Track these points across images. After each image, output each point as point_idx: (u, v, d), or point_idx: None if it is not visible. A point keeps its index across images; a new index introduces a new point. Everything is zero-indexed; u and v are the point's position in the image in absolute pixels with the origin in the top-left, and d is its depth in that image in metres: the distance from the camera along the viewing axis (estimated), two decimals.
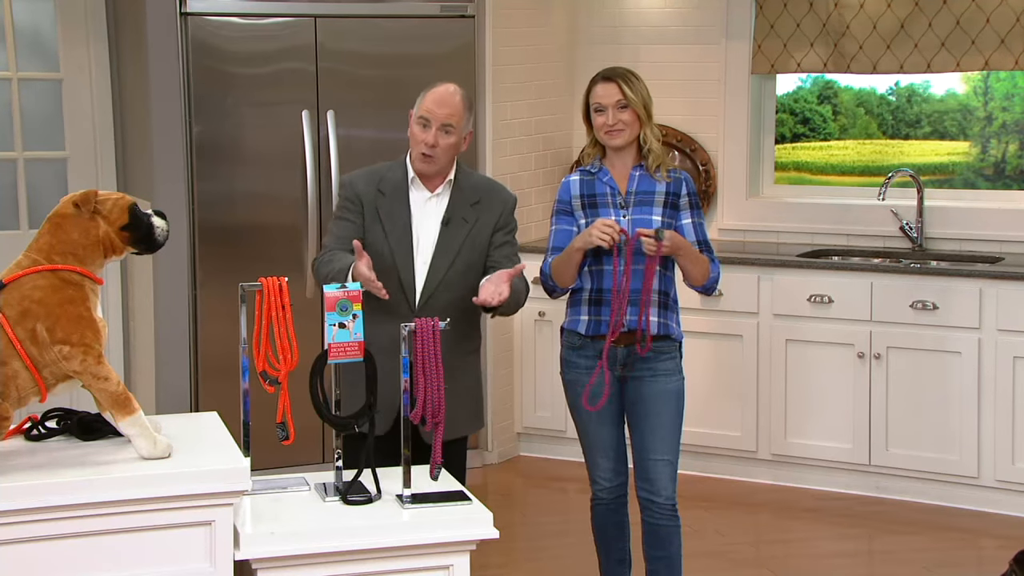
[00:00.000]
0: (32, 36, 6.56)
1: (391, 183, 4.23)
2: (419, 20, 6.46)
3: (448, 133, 4.15)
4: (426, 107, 4.16)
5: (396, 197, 4.21)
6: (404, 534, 3.40)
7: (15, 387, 3.21)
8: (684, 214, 4.42)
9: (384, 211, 4.19)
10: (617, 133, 4.36)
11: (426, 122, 4.15)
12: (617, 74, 4.39)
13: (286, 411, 3.57)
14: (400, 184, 4.23)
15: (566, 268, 4.33)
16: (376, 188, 4.22)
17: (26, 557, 3.11)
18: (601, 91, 4.38)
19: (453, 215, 4.22)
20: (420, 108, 4.18)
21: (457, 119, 4.17)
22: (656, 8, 7.02)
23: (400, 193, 4.22)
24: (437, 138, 4.14)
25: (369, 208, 4.20)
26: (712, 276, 4.42)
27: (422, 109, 4.17)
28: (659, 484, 4.39)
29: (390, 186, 4.22)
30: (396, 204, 4.21)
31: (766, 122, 7.01)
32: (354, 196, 4.23)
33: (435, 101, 4.16)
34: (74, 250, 3.30)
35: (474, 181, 4.33)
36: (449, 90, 4.19)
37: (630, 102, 4.34)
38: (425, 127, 4.15)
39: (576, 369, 4.44)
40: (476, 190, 4.28)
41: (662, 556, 4.45)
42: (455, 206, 4.23)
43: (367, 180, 4.26)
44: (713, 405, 6.45)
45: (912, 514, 6.02)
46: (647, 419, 4.38)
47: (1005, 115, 6.68)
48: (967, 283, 5.97)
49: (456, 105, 4.17)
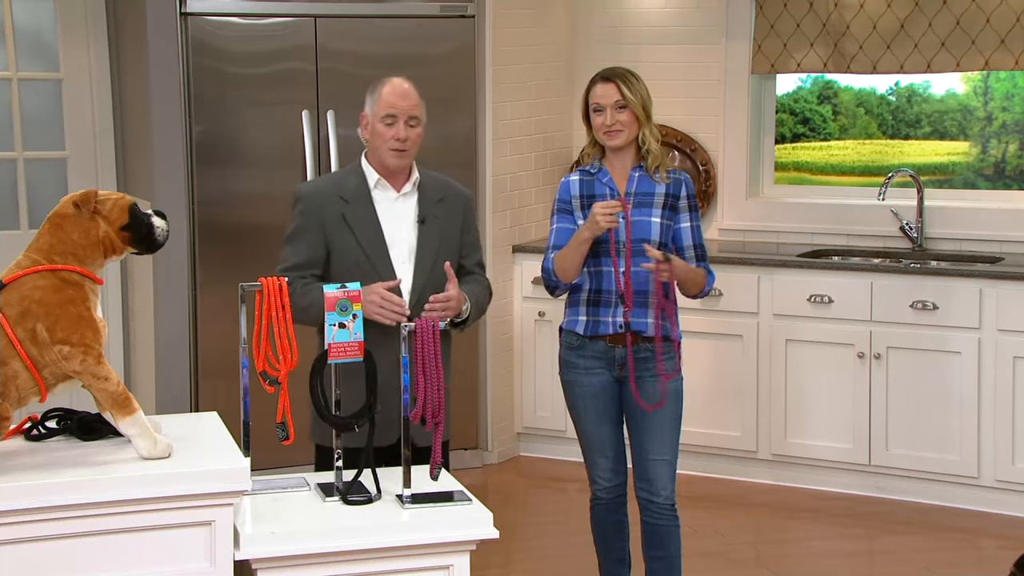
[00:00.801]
0: (32, 36, 6.56)
1: (352, 189, 4.13)
2: (419, 20, 6.46)
3: (414, 125, 4.10)
4: (388, 103, 4.08)
5: (360, 202, 4.11)
6: (404, 534, 3.40)
7: (15, 387, 3.21)
8: (683, 217, 4.42)
9: (351, 218, 4.09)
10: (616, 134, 4.36)
11: (392, 119, 4.07)
12: (616, 74, 4.39)
13: (286, 411, 3.57)
14: (361, 189, 4.13)
15: (571, 261, 4.31)
16: (338, 196, 4.11)
17: (26, 557, 3.11)
18: (600, 91, 4.37)
19: (426, 213, 4.16)
20: (379, 106, 4.09)
21: (420, 110, 4.13)
22: (656, 8, 7.02)
23: (364, 198, 4.12)
24: (407, 132, 4.08)
25: (332, 218, 4.09)
26: (707, 288, 4.46)
27: (384, 106, 4.08)
28: (658, 484, 4.39)
29: (351, 192, 4.12)
30: (362, 209, 4.11)
31: (766, 122, 7.01)
32: (312, 209, 4.11)
33: (396, 95, 4.10)
34: (74, 250, 3.29)
35: (433, 179, 4.25)
36: (404, 84, 4.13)
37: (628, 103, 4.34)
38: (391, 124, 4.07)
39: (575, 369, 4.44)
40: (437, 188, 4.22)
41: (661, 556, 4.45)
42: (425, 204, 4.17)
43: (323, 189, 4.16)
44: (713, 405, 6.45)
45: (912, 514, 6.02)
46: (646, 419, 4.38)
47: (1005, 115, 6.68)
48: (967, 283, 5.97)
49: (416, 96, 4.13)
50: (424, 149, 6.55)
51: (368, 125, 4.14)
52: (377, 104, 4.11)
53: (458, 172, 6.58)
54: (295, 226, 4.14)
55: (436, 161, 6.43)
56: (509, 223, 6.81)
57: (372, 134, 4.13)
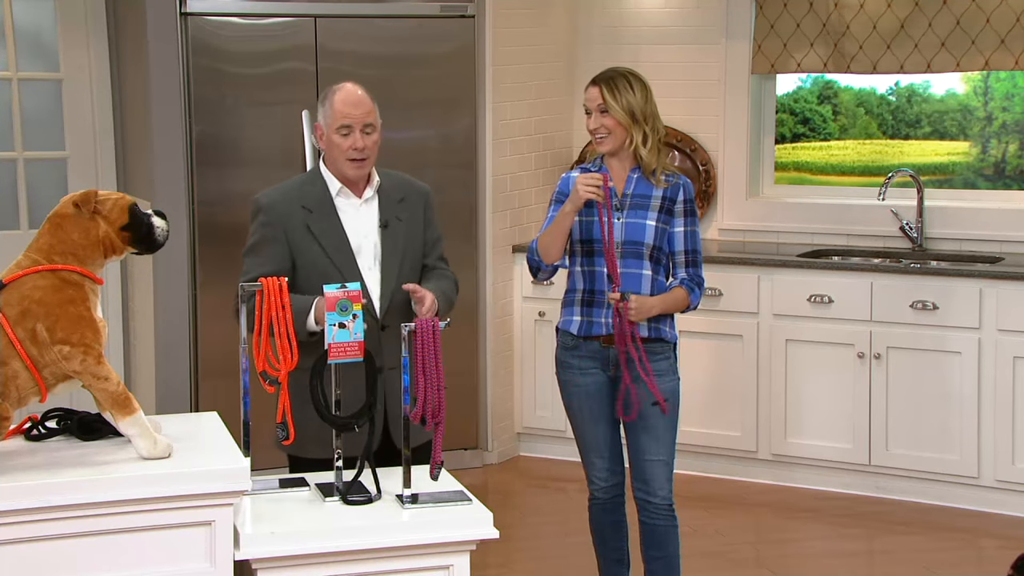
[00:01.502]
0: (32, 36, 6.57)
1: (314, 198, 4.04)
2: (419, 20, 6.46)
3: (369, 133, 4.02)
4: (342, 113, 4.00)
5: (324, 211, 4.02)
6: (404, 534, 3.40)
7: (15, 387, 3.21)
8: (677, 221, 4.41)
9: (316, 228, 4.00)
10: (601, 138, 4.36)
11: (348, 129, 3.99)
12: (604, 78, 4.37)
13: (286, 411, 3.57)
14: (324, 197, 4.04)
15: (553, 237, 4.29)
16: (300, 206, 4.02)
17: (26, 557, 3.11)
18: (588, 94, 4.39)
19: (388, 217, 4.08)
20: (333, 117, 4.01)
21: (374, 116, 4.04)
22: (656, 8, 7.02)
23: (327, 207, 4.04)
24: (364, 140, 4.00)
25: (296, 229, 4.00)
26: (691, 305, 4.43)
27: (338, 117, 3.99)
28: (655, 484, 4.39)
29: (314, 201, 4.03)
30: (326, 218, 4.02)
31: (766, 122, 7.01)
32: (276, 220, 4.01)
33: (348, 105, 4.01)
34: (74, 250, 3.29)
35: (392, 179, 4.18)
36: (356, 91, 4.05)
37: (609, 108, 4.32)
38: (347, 134, 3.99)
39: (570, 370, 4.44)
40: (397, 187, 4.15)
41: (660, 556, 4.45)
42: (386, 207, 4.09)
43: (286, 199, 4.05)
44: (713, 405, 6.45)
45: (912, 514, 6.02)
46: (642, 419, 4.38)
47: (1005, 115, 6.68)
48: (967, 283, 5.97)
49: (368, 103, 4.04)
50: (424, 149, 6.60)
51: (323, 136, 4.06)
52: (330, 115, 4.03)
53: (458, 172, 6.62)
54: (258, 238, 4.03)
55: (436, 161, 6.47)
56: (509, 223, 6.81)
57: (328, 144, 4.04)
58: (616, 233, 4.33)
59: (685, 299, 4.39)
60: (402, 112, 6.33)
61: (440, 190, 6.07)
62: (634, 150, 4.36)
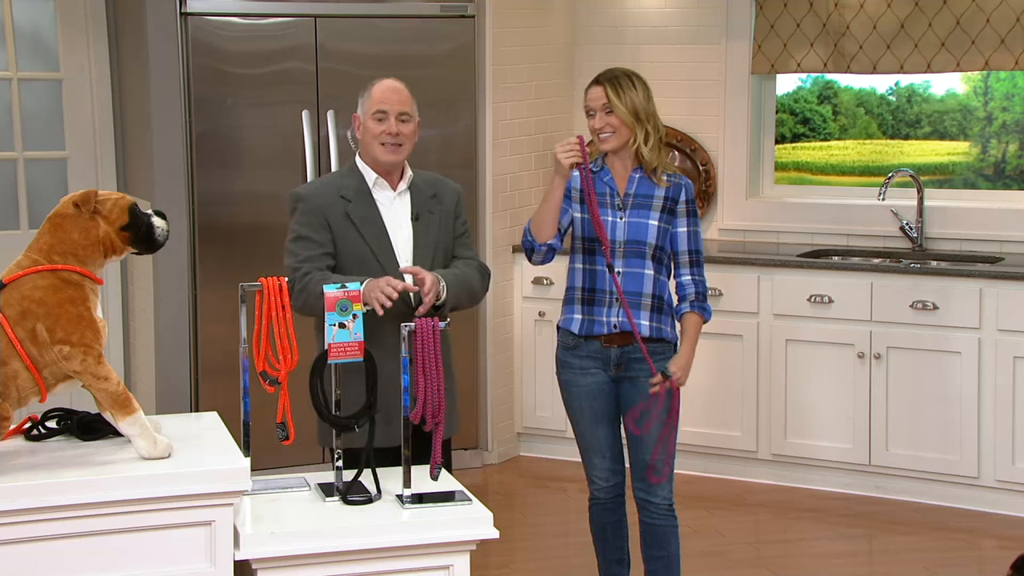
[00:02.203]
0: (32, 36, 6.57)
1: (352, 189, 4.16)
2: (419, 20, 6.46)
3: (406, 121, 4.15)
4: (379, 99, 4.14)
5: (363, 201, 4.14)
6: (404, 534, 3.40)
7: (15, 387, 3.21)
8: (680, 221, 4.41)
9: (356, 216, 4.12)
10: (606, 138, 4.36)
11: (383, 115, 4.12)
12: (607, 77, 4.38)
13: (286, 411, 3.57)
14: (362, 188, 4.16)
15: (545, 213, 4.30)
16: (339, 196, 4.14)
17: (26, 557, 3.11)
18: (591, 94, 4.39)
19: (420, 210, 4.20)
20: (371, 104, 4.14)
21: (411, 106, 4.18)
22: (656, 8, 7.02)
23: (365, 197, 4.15)
24: (398, 127, 4.13)
25: (337, 218, 4.11)
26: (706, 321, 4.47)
27: (375, 103, 4.13)
28: (655, 484, 4.39)
29: (352, 192, 4.15)
30: (365, 208, 4.14)
31: (766, 122, 7.01)
32: (316, 209, 4.12)
33: (386, 92, 4.15)
34: (74, 250, 3.30)
35: (424, 177, 4.30)
36: (395, 83, 4.19)
37: (614, 107, 4.33)
38: (382, 120, 4.12)
39: (571, 369, 4.44)
40: (429, 184, 4.27)
41: (660, 556, 4.45)
42: (418, 201, 4.21)
43: (325, 190, 4.17)
44: (713, 405, 6.45)
45: (912, 514, 6.02)
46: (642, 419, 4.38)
47: (1005, 115, 6.68)
48: (967, 283, 5.97)
49: (406, 93, 4.18)
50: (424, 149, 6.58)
51: (360, 125, 4.19)
52: (368, 101, 4.16)
53: (458, 172, 6.60)
54: (300, 226, 4.12)
55: (436, 161, 6.46)
56: (509, 223, 6.81)
57: (364, 131, 4.17)
58: (619, 232, 4.34)
59: (701, 322, 4.44)
60: None
61: None
62: (636, 149, 4.37)
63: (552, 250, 4.38)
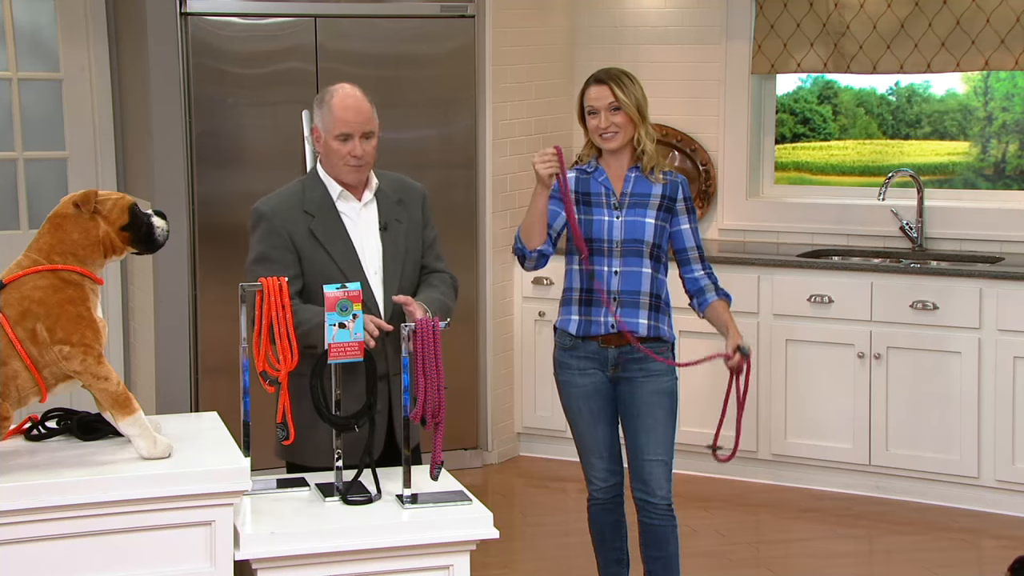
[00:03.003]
0: (32, 36, 6.57)
1: (315, 203, 3.97)
2: (419, 20, 6.46)
3: (369, 138, 3.96)
4: (341, 120, 3.92)
5: (327, 216, 3.97)
6: (404, 534, 3.40)
7: (15, 387, 3.21)
8: (681, 219, 4.42)
9: (321, 233, 3.94)
10: (611, 136, 4.35)
11: (346, 136, 3.92)
12: (610, 76, 4.37)
13: (286, 411, 3.57)
14: (326, 201, 3.98)
15: (531, 221, 4.30)
16: (302, 211, 3.95)
17: (26, 557, 3.11)
18: (594, 93, 4.36)
19: (388, 219, 4.03)
20: (333, 123, 3.92)
21: (373, 122, 3.98)
22: (656, 8, 7.02)
23: (329, 211, 3.97)
24: (362, 147, 3.94)
25: (302, 236, 3.93)
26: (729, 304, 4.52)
27: (337, 124, 3.91)
28: (654, 484, 4.39)
29: (315, 206, 3.96)
30: (330, 223, 3.96)
31: (766, 122, 7.01)
32: (278, 229, 3.92)
33: (347, 111, 3.93)
34: (74, 250, 3.30)
35: (388, 180, 4.11)
36: (356, 95, 3.97)
37: (622, 105, 4.32)
38: (346, 140, 3.92)
39: (568, 370, 4.44)
40: (394, 189, 4.10)
41: (659, 556, 4.45)
42: (385, 210, 4.04)
43: (288, 206, 3.96)
44: (713, 405, 6.43)
45: (912, 514, 6.02)
46: (640, 419, 4.38)
47: (1005, 115, 6.68)
48: (967, 283, 5.97)
49: (367, 108, 3.97)
50: (424, 149, 6.60)
51: (321, 139, 3.99)
52: (329, 120, 3.94)
53: (458, 172, 6.62)
54: (263, 248, 3.94)
55: (436, 161, 6.47)
56: (509, 223, 6.81)
57: (326, 150, 3.97)
58: (616, 232, 4.34)
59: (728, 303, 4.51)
60: (402, 112, 6.33)
61: (440, 190, 6.11)
62: (639, 146, 4.37)
63: (544, 256, 4.37)
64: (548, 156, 4.21)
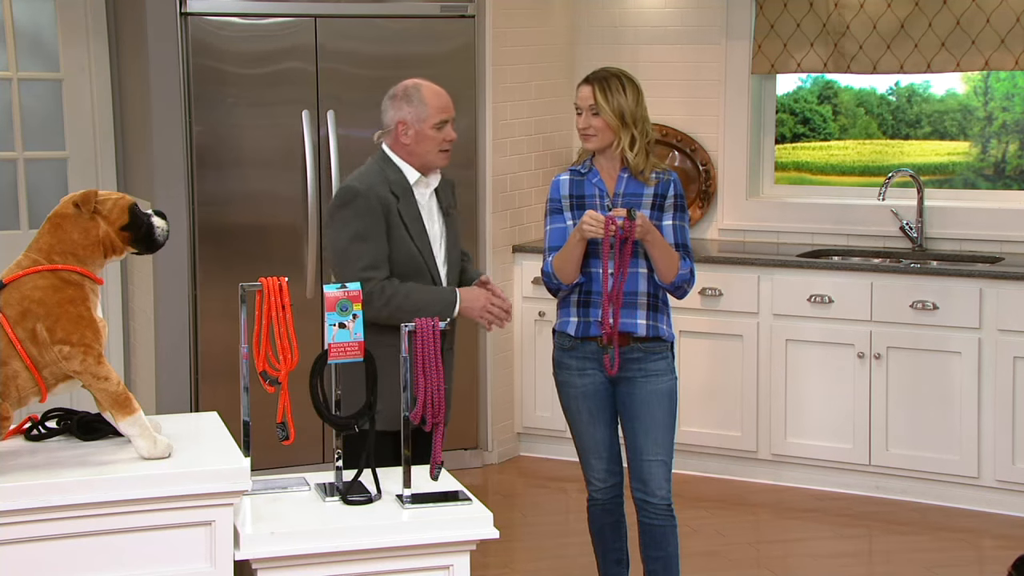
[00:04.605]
0: (32, 36, 6.57)
1: (398, 185, 4.21)
2: (419, 20, 6.46)
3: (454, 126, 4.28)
4: (440, 108, 4.21)
5: (407, 198, 4.21)
6: (404, 534, 3.40)
7: (15, 387, 3.21)
8: (666, 215, 4.39)
9: (404, 213, 4.19)
10: (588, 137, 4.36)
11: (444, 122, 4.21)
12: (598, 78, 4.37)
13: (286, 411, 3.57)
14: (404, 184, 4.22)
15: (568, 263, 4.32)
16: (390, 191, 4.19)
17: (26, 557, 3.11)
18: (580, 92, 4.39)
19: (447, 205, 4.35)
20: (431, 111, 4.19)
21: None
22: (656, 8, 7.02)
23: (409, 194, 4.22)
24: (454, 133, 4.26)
25: (391, 215, 4.17)
26: (681, 274, 4.35)
27: (436, 112, 4.19)
28: (653, 484, 4.39)
29: (399, 188, 4.21)
30: (409, 205, 4.21)
31: (766, 122, 7.01)
32: (375, 207, 4.14)
33: (442, 98, 4.24)
34: (74, 250, 3.30)
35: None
36: (441, 89, 4.29)
37: (600, 109, 4.32)
38: (443, 127, 4.21)
39: (567, 370, 4.44)
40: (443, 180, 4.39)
41: (659, 556, 4.45)
42: (443, 198, 4.35)
43: (380, 185, 4.19)
44: (713, 405, 6.45)
45: (912, 514, 6.02)
46: (639, 420, 4.38)
47: (1005, 115, 6.68)
48: (967, 283, 5.97)
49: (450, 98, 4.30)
50: None
51: (409, 131, 4.20)
52: (426, 110, 4.19)
53: (458, 172, 6.58)
54: (364, 224, 4.12)
55: None
56: (509, 223, 6.81)
57: (419, 139, 4.19)
58: None
59: (677, 259, 4.34)
60: None
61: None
62: (620, 152, 4.36)
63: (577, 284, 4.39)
64: (599, 223, 4.20)
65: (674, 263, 4.33)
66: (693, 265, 4.42)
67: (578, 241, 4.28)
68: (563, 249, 4.34)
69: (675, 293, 4.42)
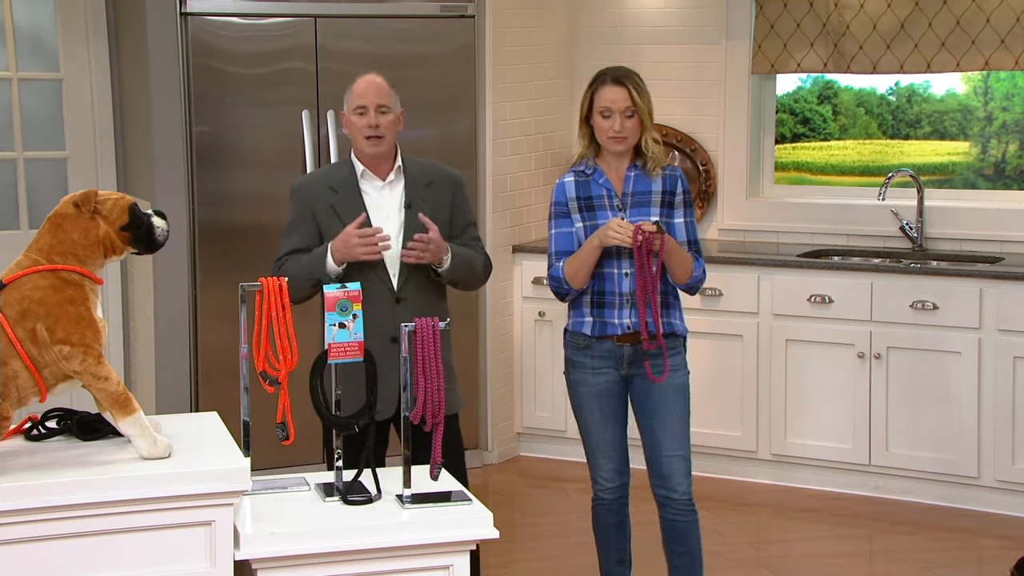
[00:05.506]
0: (32, 36, 6.57)
1: (340, 180, 4.40)
2: (419, 20, 6.46)
3: (385, 113, 4.35)
4: (358, 95, 4.37)
5: (348, 192, 4.37)
6: (404, 534, 3.40)
7: (15, 387, 3.21)
8: (677, 212, 4.40)
9: (340, 207, 4.34)
10: (622, 140, 4.32)
11: (363, 110, 4.35)
12: (628, 77, 4.32)
13: (286, 411, 3.57)
14: (349, 180, 4.39)
15: (582, 269, 4.30)
16: (327, 187, 4.40)
17: (26, 557, 3.11)
18: (612, 95, 4.30)
19: (413, 198, 4.38)
20: (352, 101, 4.38)
21: (390, 98, 4.38)
22: (656, 8, 7.02)
23: (352, 188, 4.38)
24: (377, 119, 4.33)
25: (323, 209, 4.36)
26: (695, 275, 4.38)
27: (355, 99, 4.36)
28: (674, 480, 4.39)
29: (340, 183, 4.39)
30: (350, 199, 4.36)
31: (766, 122, 7.02)
32: (304, 202, 4.40)
33: (364, 88, 4.38)
34: (74, 250, 3.30)
35: (423, 165, 4.50)
36: (374, 77, 4.43)
37: (638, 110, 4.30)
38: (363, 114, 4.35)
39: (582, 369, 4.43)
40: (426, 173, 4.46)
41: (683, 551, 4.45)
42: (411, 190, 4.40)
43: (316, 183, 4.46)
44: (713, 405, 6.45)
45: (912, 514, 6.02)
46: (656, 415, 4.37)
47: (1005, 115, 6.68)
48: (967, 283, 5.97)
49: (385, 86, 4.40)
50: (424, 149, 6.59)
51: (346, 121, 4.42)
52: (350, 98, 4.40)
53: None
54: (291, 218, 4.43)
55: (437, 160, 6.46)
56: (509, 223, 6.81)
57: (349, 127, 4.40)
58: None
59: (691, 262, 4.37)
60: None
61: None
62: (647, 149, 4.35)
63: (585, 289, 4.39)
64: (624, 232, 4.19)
65: (688, 266, 4.36)
66: (704, 262, 4.45)
67: (595, 247, 4.26)
68: (577, 255, 4.31)
69: (688, 291, 4.45)
